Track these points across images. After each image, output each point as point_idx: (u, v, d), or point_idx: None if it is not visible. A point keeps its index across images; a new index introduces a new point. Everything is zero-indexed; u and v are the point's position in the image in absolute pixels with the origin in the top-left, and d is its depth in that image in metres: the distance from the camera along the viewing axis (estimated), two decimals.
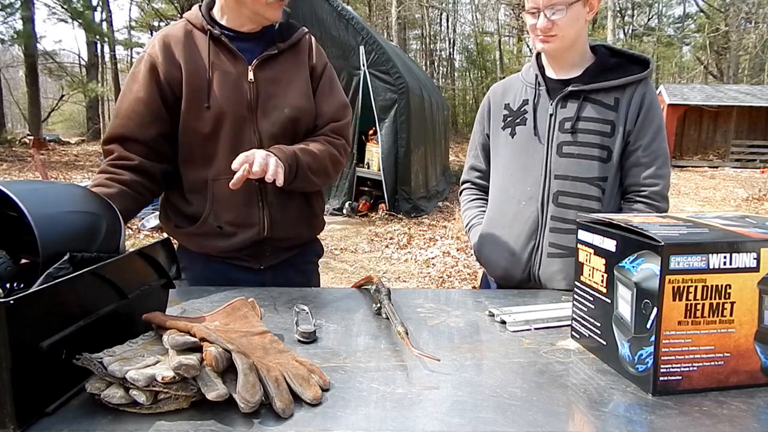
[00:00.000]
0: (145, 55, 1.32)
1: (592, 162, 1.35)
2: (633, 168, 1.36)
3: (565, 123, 1.36)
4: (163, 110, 1.31)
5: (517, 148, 1.43)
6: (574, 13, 1.30)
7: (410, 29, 31.02)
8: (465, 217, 1.63)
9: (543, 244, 1.39)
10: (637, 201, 1.36)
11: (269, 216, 1.37)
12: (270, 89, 1.35)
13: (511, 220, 1.43)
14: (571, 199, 1.36)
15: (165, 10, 23.90)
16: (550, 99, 1.39)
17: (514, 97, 1.47)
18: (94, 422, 0.68)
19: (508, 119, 1.46)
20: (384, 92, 7.31)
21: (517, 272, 1.43)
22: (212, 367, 0.70)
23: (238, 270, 1.40)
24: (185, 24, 1.36)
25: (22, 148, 15.60)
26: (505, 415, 0.72)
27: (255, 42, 1.37)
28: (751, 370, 0.80)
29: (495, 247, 1.47)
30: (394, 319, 0.94)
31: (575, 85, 1.35)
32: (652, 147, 1.34)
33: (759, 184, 11.78)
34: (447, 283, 4.76)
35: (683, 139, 17.78)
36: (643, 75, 1.34)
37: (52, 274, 0.74)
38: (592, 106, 1.35)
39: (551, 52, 1.39)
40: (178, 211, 1.40)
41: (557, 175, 1.37)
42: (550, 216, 1.38)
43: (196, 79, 1.30)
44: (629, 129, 1.34)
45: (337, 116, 1.45)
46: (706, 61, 26.56)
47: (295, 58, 1.42)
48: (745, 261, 0.77)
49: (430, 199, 8.58)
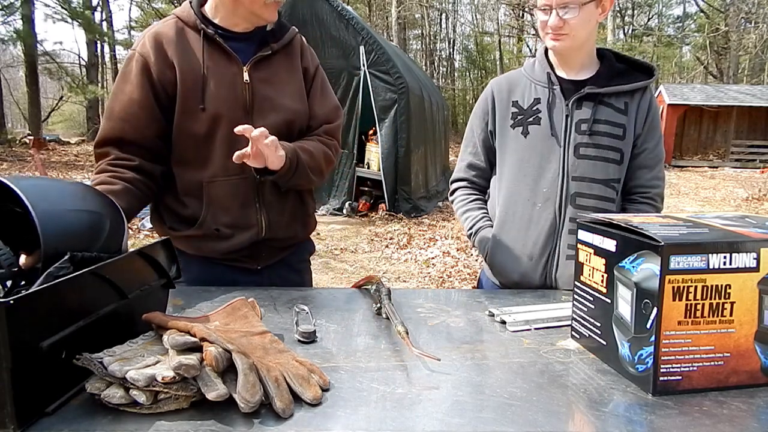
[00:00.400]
0: (135, 54, 1.28)
1: (607, 164, 1.37)
2: (639, 170, 1.40)
3: (582, 124, 1.36)
4: (157, 111, 1.29)
5: (531, 148, 1.40)
6: (587, 14, 1.30)
7: (410, 29, 31.01)
8: (466, 219, 1.54)
9: (561, 246, 1.38)
10: (642, 202, 1.41)
11: (267, 217, 1.36)
12: (265, 90, 1.34)
13: (526, 223, 1.40)
14: (589, 201, 1.37)
15: (165, 10, 23.89)
16: (566, 99, 1.38)
17: (523, 94, 1.44)
18: (94, 422, 0.68)
19: (519, 117, 1.43)
20: (384, 92, 7.31)
21: (534, 277, 1.40)
22: (212, 367, 0.70)
23: (235, 271, 1.40)
24: (176, 21, 1.32)
25: (22, 148, 15.59)
26: (505, 415, 0.72)
27: (248, 42, 1.35)
28: (751, 370, 0.80)
29: (510, 252, 1.42)
30: (395, 319, 0.94)
31: (591, 87, 1.36)
32: (656, 151, 1.40)
33: (759, 184, 11.78)
34: (447, 283, 4.76)
35: (683, 139, 17.78)
36: (649, 81, 1.38)
37: (52, 273, 0.74)
38: (606, 108, 1.37)
39: (561, 51, 1.39)
40: (172, 214, 1.38)
41: (575, 177, 1.36)
42: (568, 218, 1.37)
43: (190, 79, 1.27)
44: (638, 133, 1.38)
45: (329, 118, 1.46)
46: (706, 61, 26.55)
47: (288, 59, 1.41)
48: (745, 261, 0.77)
49: (430, 199, 8.57)
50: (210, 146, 1.30)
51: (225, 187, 1.32)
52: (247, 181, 1.32)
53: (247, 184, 1.33)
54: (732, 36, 22.77)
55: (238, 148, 1.27)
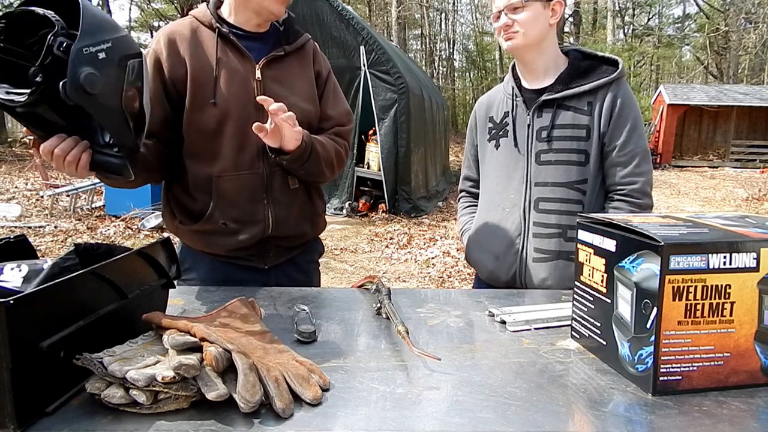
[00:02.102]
0: (150, 51, 1.32)
1: (569, 167, 1.40)
2: (611, 168, 1.41)
3: (542, 132, 1.42)
4: (167, 105, 1.31)
5: (501, 159, 1.50)
6: (533, 13, 1.38)
7: (410, 29, 31.01)
8: (459, 223, 1.74)
9: (528, 249, 1.45)
10: (617, 199, 1.41)
11: (274, 213, 1.37)
12: (276, 89, 1.36)
13: (495, 225, 1.51)
14: (552, 204, 1.42)
15: (165, 10, 23.88)
16: (527, 109, 1.45)
17: (497, 109, 1.55)
18: (94, 422, 0.68)
19: (493, 131, 1.54)
20: (384, 92, 7.31)
21: (501, 274, 1.50)
22: (212, 367, 0.70)
23: (243, 270, 1.40)
24: (191, 21, 1.36)
25: (22, 149, 15.59)
26: (505, 415, 0.72)
27: (262, 42, 1.39)
28: (751, 370, 0.80)
29: (481, 251, 1.55)
30: (395, 319, 0.94)
31: (548, 94, 1.42)
32: (628, 146, 1.38)
33: (759, 184, 11.78)
34: (447, 283, 4.76)
35: (683, 139, 17.79)
36: (612, 77, 1.38)
37: (58, 264, 0.75)
38: (566, 112, 1.41)
39: (515, 51, 1.44)
40: (182, 207, 1.39)
41: (537, 183, 1.43)
42: (532, 222, 1.44)
43: (201, 75, 1.29)
44: (603, 131, 1.39)
45: (341, 121, 1.48)
46: (706, 61, 26.56)
47: (300, 62, 1.44)
48: (745, 261, 0.77)
49: (430, 199, 8.58)
50: (219, 141, 1.31)
51: (234, 181, 1.32)
52: (256, 177, 1.34)
53: (256, 180, 1.34)
54: (732, 36, 22.77)
55: (247, 144, 1.28)
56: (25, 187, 9.54)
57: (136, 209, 6.63)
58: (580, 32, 25.03)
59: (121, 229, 6.30)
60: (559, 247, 1.41)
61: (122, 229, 6.31)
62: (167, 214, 1.43)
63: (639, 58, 27.14)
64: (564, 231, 1.40)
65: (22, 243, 0.97)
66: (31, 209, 7.44)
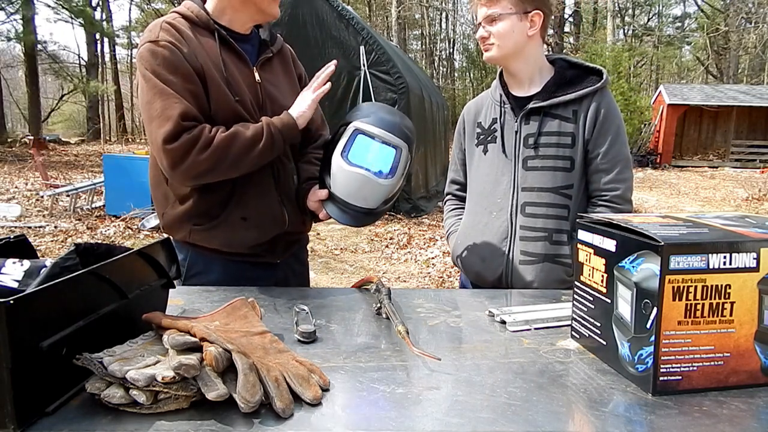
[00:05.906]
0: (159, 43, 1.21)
1: (555, 173, 1.44)
2: (594, 174, 1.45)
3: (529, 139, 1.46)
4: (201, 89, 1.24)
5: (489, 164, 1.53)
6: (509, 25, 1.41)
7: (410, 29, 31.01)
8: (445, 225, 1.77)
9: (514, 251, 1.47)
10: (599, 205, 1.45)
11: (287, 209, 1.39)
12: (272, 90, 1.37)
13: (482, 228, 1.54)
14: (538, 209, 1.45)
15: (165, 11, 23.90)
16: (515, 116, 1.49)
17: (485, 115, 1.58)
18: (94, 422, 0.68)
19: (481, 137, 1.57)
20: (384, 92, 7.30)
21: (488, 275, 1.52)
22: (212, 367, 0.70)
23: (255, 267, 1.41)
24: (183, 19, 1.28)
25: (22, 149, 15.59)
26: (505, 415, 0.72)
27: (250, 44, 1.38)
28: (751, 370, 0.80)
29: (469, 253, 1.58)
30: (395, 319, 0.94)
31: (535, 102, 1.45)
32: (610, 154, 1.43)
33: (759, 184, 11.78)
34: (447, 283, 4.76)
35: (683, 139, 17.79)
36: (596, 87, 1.42)
37: (59, 264, 0.75)
38: (552, 120, 1.44)
39: (492, 62, 1.49)
40: (196, 209, 1.32)
41: (524, 188, 1.46)
42: (519, 225, 1.47)
43: (217, 73, 1.25)
44: (587, 138, 1.43)
45: (320, 128, 1.53)
46: (706, 61, 26.56)
47: (284, 65, 1.47)
48: (745, 261, 0.77)
49: (430, 199, 8.57)
50: None
51: (249, 177, 1.31)
52: (267, 171, 1.34)
53: (267, 175, 1.35)
54: (732, 36, 22.78)
55: None
56: (25, 187, 9.54)
57: (136, 209, 6.63)
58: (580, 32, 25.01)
59: (121, 229, 6.30)
60: (545, 250, 1.44)
61: (122, 229, 6.31)
62: (174, 222, 1.35)
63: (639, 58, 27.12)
64: (550, 234, 1.44)
65: (22, 243, 0.97)
66: (31, 209, 7.45)
